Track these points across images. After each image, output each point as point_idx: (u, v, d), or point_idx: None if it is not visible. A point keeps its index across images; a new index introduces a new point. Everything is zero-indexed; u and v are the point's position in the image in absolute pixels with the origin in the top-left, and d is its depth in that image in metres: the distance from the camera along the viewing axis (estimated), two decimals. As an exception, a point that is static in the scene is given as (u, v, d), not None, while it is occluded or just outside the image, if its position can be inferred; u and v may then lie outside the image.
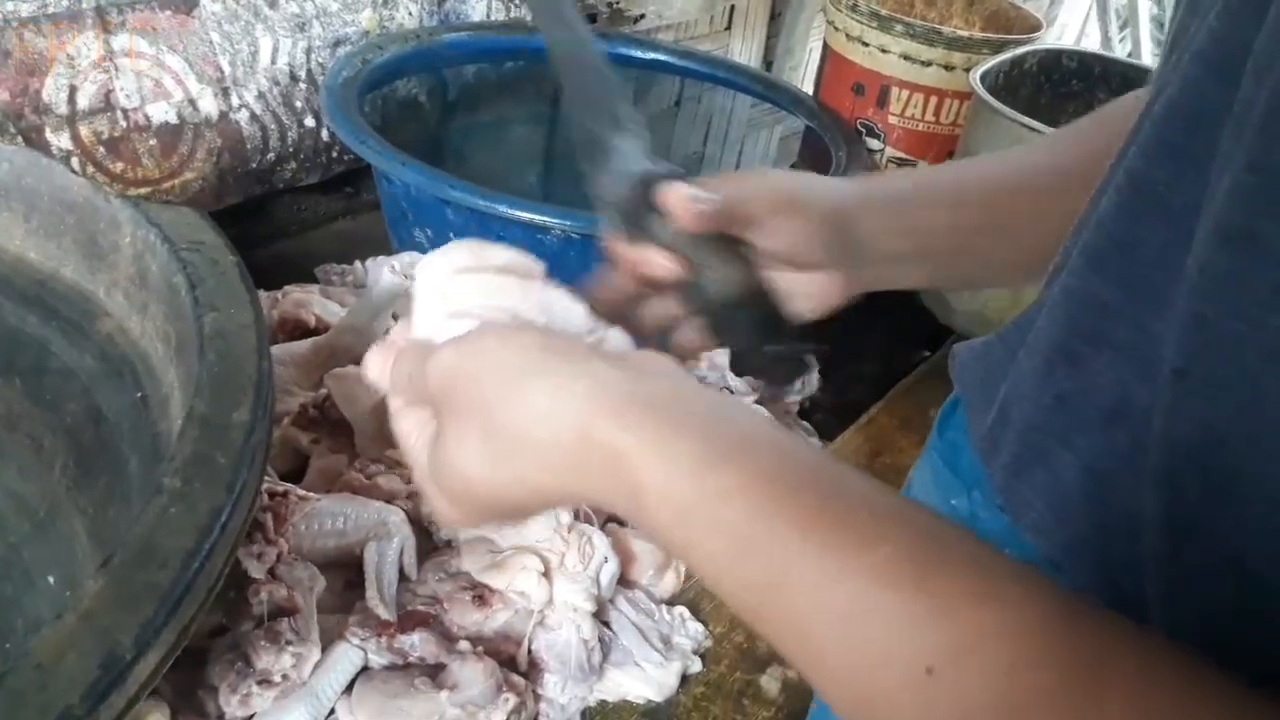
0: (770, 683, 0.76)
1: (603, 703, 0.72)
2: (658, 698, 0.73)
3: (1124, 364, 0.36)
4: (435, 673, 0.68)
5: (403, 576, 0.72)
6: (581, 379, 0.34)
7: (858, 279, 0.50)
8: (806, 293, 0.50)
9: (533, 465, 0.35)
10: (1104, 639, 0.27)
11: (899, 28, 1.30)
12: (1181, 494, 0.30)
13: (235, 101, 1.14)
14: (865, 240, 0.49)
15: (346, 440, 0.83)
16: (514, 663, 0.71)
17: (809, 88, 1.60)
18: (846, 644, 0.29)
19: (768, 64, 2.05)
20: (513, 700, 0.66)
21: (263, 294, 0.98)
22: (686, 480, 0.31)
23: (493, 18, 1.40)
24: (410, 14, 1.28)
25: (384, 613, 0.68)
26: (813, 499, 0.30)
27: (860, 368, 1.20)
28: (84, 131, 1.03)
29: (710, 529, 0.31)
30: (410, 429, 0.41)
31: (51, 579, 0.70)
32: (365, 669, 0.67)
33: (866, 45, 1.35)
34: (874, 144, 1.41)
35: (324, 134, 1.25)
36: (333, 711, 0.65)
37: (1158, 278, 0.34)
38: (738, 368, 1.06)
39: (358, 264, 1.09)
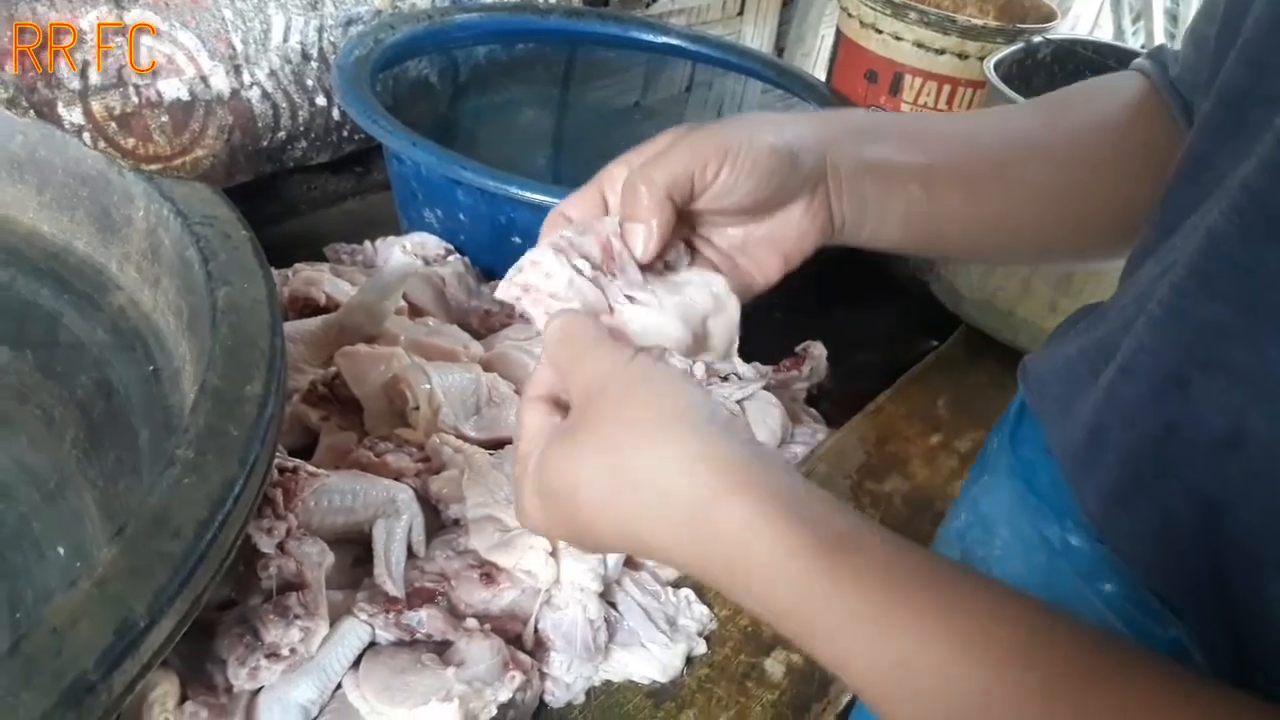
0: (774, 666, 0.76)
1: (608, 683, 0.73)
2: (662, 679, 0.73)
3: (1240, 389, 0.34)
4: (442, 650, 0.68)
5: (411, 554, 0.73)
6: (718, 445, 0.34)
7: (827, 213, 0.46)
8: (784, 234, 0.46)
9: (645, 510, 0.35)
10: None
11: (913, 15, 1.30)
12: None
13: (247, 79, 1.14)
14: (822, 164, 0.45)
15: (356, 418, 0.83)
16: (520, 641, 0.71)
17: (821, 75, 1.59)
18: None
19: (779, 50, 2.04)
20: (519, 678, 0.66)
21: (273, 271, 0.98)
22: (805, 561, 0.32)
23: (505, -1, 1.40)
24: (423, -6, 1.28)
25: (392, 589, 0.69)
26: (933, 589, 0.31)
27: (868, 356, 1.20)
28: (96, 107, 1.03)
29: (840, 616, 0.32)
30: (535, 423, 0.41)
31: (61, 550, 0.70)
32: (372, 645, 0.68)
33: (880, 32, 1.35)
34: (885, 132, 1.40)
35: (335, 113, 1.25)
36: (339, 686, 0.66)
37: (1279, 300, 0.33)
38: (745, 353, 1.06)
39: (367, 244, 1.09)
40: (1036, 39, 1.28)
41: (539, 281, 0.42)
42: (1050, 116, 0.51)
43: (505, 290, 0.43)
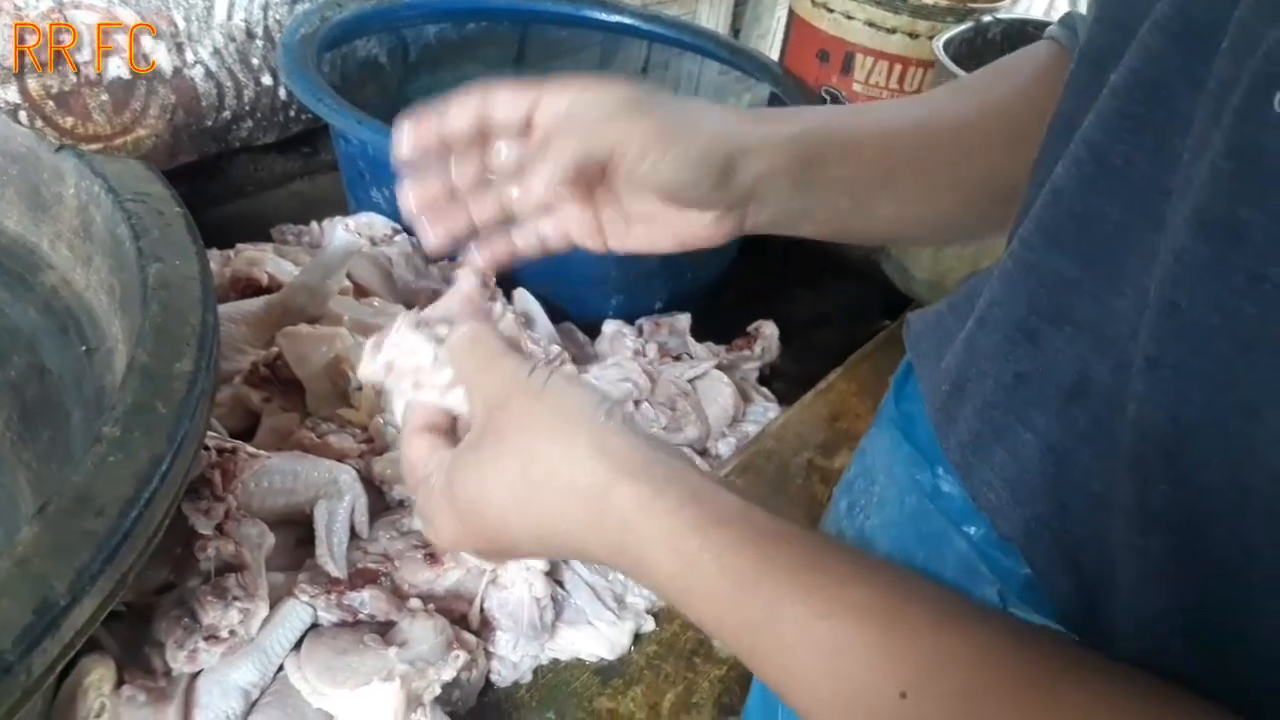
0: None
1: (555, 661, 0.73)
2: (610, 656, 0.73)
3: (1083, 341, 0.35)
4: (385, 630, 0.67)
5: (354, 535, 0.72)
6: (615, 440, 0.37)
7: (741, 220, 0.49)
8: (688, 226, 0.49)
9: (551, 506, 0.37)
10: (1055, 665, 0.29)
11: (864, -6, 1.30)
12: (1151, 483, 0.30)
13: (190, 57, 1.12)
14: (754, 184, 0.47)
15: (298, 399, 0.82)
16: (466, 621, 0.71)
17: (776, 55, 1.59)
18: (830, 673, 0.32)
19: (735, 31, 2.04)
20: (463, 657, 0.66)
21: (215, 252, 0.96)
22: (694, 537, 0.34)
23: (456, -22, 1.38)
24: (371, -29, 1.26)
25: (333, 570, 0.68)
26: (800, 550, 0.34)
27: (821, 336, 1.20)
28: (33, 85, 1.00)
29: (714, 575, 0.34)
30: (424, 450, 0.42)
31: (-7, 534, 0.69)
32: (315, 626, 0.67)
33: (831, 11, 1.35)
34: (838, 112, 1.41)
35: (281, 92, 1.23)
36: (281, 668, 0.65)
37: (1118, 253, 0.33)
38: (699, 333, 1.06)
39: (314, 224, 1.08)
40: (986, 18, 1.28)
41: (402, 360, 0.42)
42: (979, 98, 0.52)
43: (367, 370, 0.44)
